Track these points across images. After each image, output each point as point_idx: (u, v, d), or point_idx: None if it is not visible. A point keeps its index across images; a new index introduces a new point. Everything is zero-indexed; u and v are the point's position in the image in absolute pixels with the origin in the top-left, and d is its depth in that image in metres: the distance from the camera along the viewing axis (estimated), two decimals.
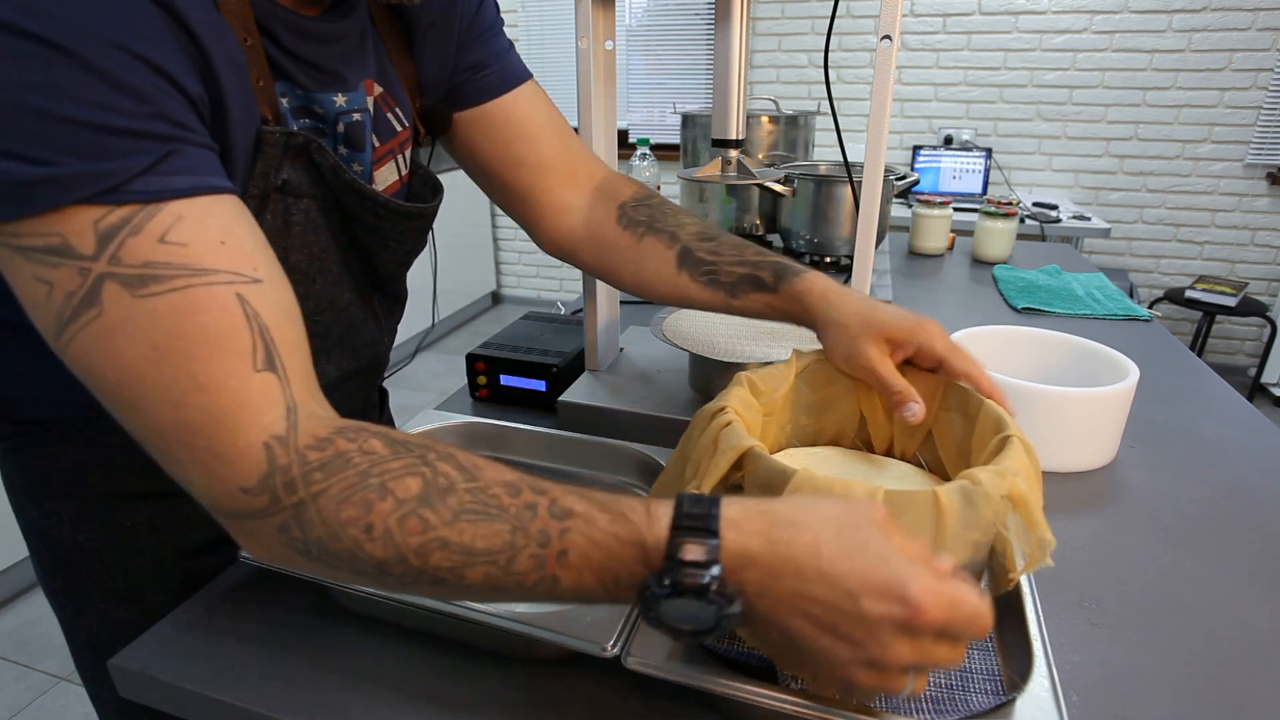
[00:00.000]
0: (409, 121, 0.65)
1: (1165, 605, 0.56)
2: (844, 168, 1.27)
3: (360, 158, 0.59)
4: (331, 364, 0.65)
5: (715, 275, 0.66)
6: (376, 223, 0.61)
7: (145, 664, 0.50)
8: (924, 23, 3.12)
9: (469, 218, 3.91)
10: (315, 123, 0.55)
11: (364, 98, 0.58)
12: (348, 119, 0.57)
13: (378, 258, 0.65)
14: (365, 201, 0.58)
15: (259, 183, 0.51)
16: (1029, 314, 1.20)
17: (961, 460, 0.54)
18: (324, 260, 0.59)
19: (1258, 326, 3.10)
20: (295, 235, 0.55)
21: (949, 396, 0.56)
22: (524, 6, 3.67)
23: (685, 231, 0.68)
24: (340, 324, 0.64)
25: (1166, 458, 0.77)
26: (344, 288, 0.62)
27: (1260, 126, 2.86)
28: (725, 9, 0.70)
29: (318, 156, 0.54)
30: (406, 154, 0.66)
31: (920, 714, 0.44)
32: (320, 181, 0.56)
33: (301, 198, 0.55)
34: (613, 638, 0.46)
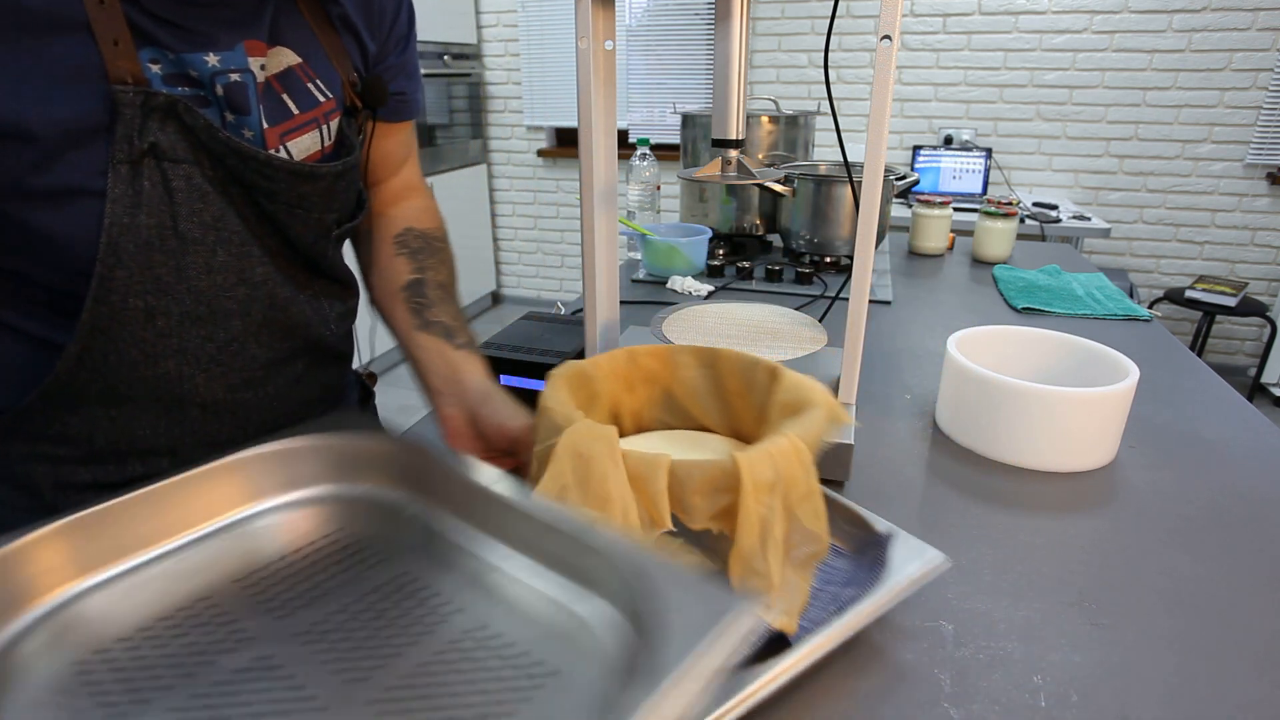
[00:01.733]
0: (336, 94, 0.64)
1: (1165, 605, 0.56)
2: (844, 168, 1.27)
3: (248, 121, 0.58)
4: (261, 346, 0.63)
5: (422, 310, 0.71)
6: (270, 186, 0.59)
7: None
8: (924, 23, 3.12)
9: (469, 218, 3.92)
10: (195, 90, 0.54)
11: (243, 58, 0.57)
12: (224, 79, 0.55)
13: (289, 229, 0.63)
14: (249, 163, 0.57)
15: (123, 146, 0.50)
16: (1029, 314, 1.20)
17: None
18: (221, 229, 0.57)
19: (1258, 326, 3.10)
20: (181, 203, 0.54)
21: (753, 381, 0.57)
22: (524, 6, 3.67)
23: (433, 275, 0.75)
24: (260, 301, 0.62)
25: (1166, 458, 0.77)
26: (256, 261, 0.60)
27: (1260, 126, 2.86)
28: (725, 9, 0.70)
29: (187, 117, 0.53)
30: (332, 125, 0.64)
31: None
32: (200, 147, 0.54)
33: (180, 163, 0.54)
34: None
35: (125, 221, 0.52)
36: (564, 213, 4.04)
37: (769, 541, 0.42)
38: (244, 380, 0.63)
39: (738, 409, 0.58)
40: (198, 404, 0.61)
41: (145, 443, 0.62)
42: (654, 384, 0.59)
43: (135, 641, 0.37)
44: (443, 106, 3.58)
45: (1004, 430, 0.73)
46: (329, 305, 0.71)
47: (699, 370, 0.59)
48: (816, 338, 0.80)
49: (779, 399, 0.53)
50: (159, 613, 0.39)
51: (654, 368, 0.58)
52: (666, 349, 0.59)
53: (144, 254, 0.53)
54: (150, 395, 0.59)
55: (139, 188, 0.52)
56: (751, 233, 1.53)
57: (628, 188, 1.54)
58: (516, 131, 3.96)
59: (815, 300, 1.24)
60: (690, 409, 0.60)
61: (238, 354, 0.62)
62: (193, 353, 0.59)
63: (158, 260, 0.54)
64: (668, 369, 0.59)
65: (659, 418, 0.60)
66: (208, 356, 0.60)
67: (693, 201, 1.54)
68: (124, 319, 0.55)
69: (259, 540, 0.44)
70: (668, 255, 1.35)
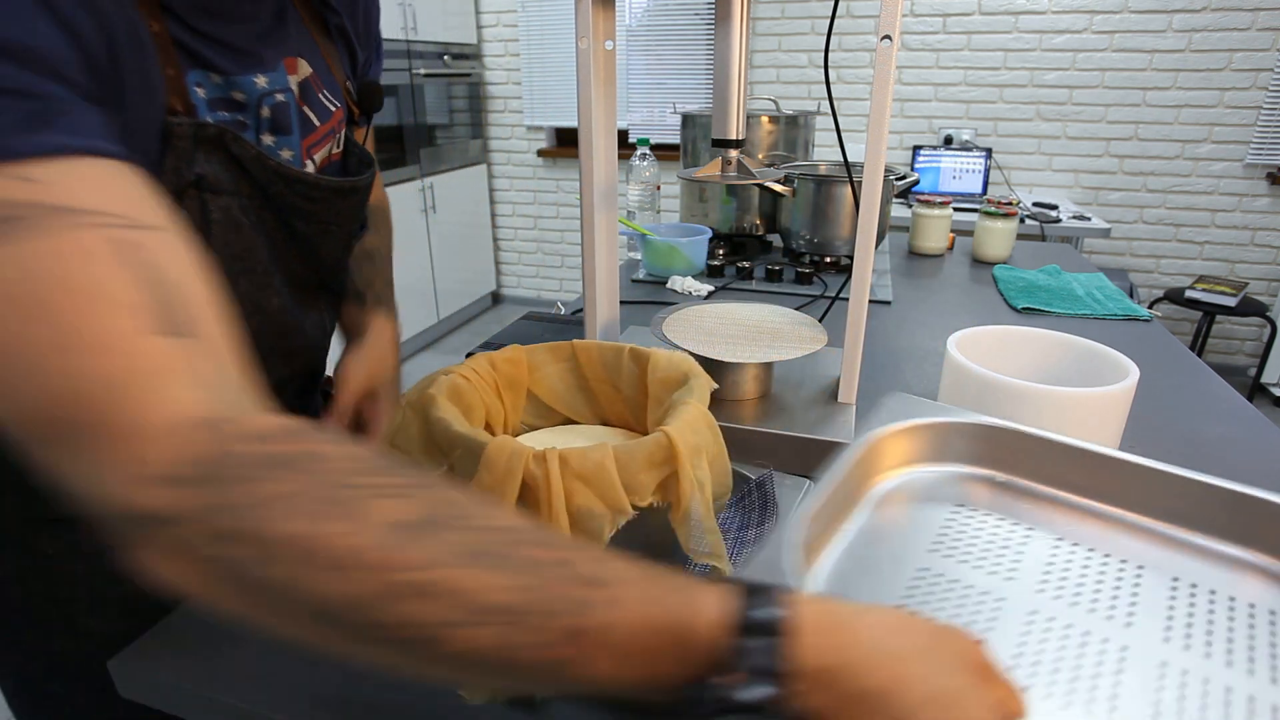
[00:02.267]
0: (340, 102, 0.64)
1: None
2: (844, 168, 1.27)
3: (289, 142, 0.57)
4: (266, 372, 0.62)
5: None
6: (312, 208, 0.59)
7: (145, 664, 0.50)
8: (924, 23, 3.12)
9: (469, 218, 3.92)
10: (236, 114, 0.53)
11: (285, 77, 0.56)
12: (271, 101, 0.55)
13: (320, 248, 0.63)
14: (296, 186, 0.56)
15: (171, 178, 0.49)
16: (1029, 314, 1.20)
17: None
18: (248, 260, 0.56)
19: (1258, 326, 3.10)
20: (216, 234, 0.53)
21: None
22: (524, 6, 3.67)
23: (360, 244, 0.75)
24: (271, 330, 0.62)
25: (1166, 458, 0.77)
26: (273, 291, 0.60)
27: (1260, 126, 2.86)
28: (725, 9, 0.70)
29: (235, 148, 0.51)
30: (341, 134, 0.65)
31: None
32: (243, 175, 0.53)
33: (220, 194, 0.52)
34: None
35: None
36: (564, 213, 4.04)
37: (704, 499, 0.45)
38: None
39: (602, 397, 0.61)
40: None
41: None
42: (517, 388, 0.60)
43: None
44: (443, 106, 3.57)
45: None
46: (328, 321, 0.71)
47: (557, 366, 0.60)
48: (816, 338, 0.80)
49: (657, 377, 0.56)
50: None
51: (514, 372, 0.59)
52: (523, 349, 0.60)
53: None
54: None
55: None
56: (751, 233, 1.53)
57: (628, 188, 1.54)
58: (516, 131, 3.96)
59: (815, 300, 1.24)
60: (554, 405, 0.61)
61: None
62: None
63: None
64: (527, 370, 0.60)
65: (525, 420, 0.61)
66: None
67: (693, 201, 1.54)
68: None
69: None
70: (668, 255, 1.35)
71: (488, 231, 4.12)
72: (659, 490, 0.45)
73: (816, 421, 0.74)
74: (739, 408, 0.77)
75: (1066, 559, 0.45)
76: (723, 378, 0.78)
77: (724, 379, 0.78)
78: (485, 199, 4.07)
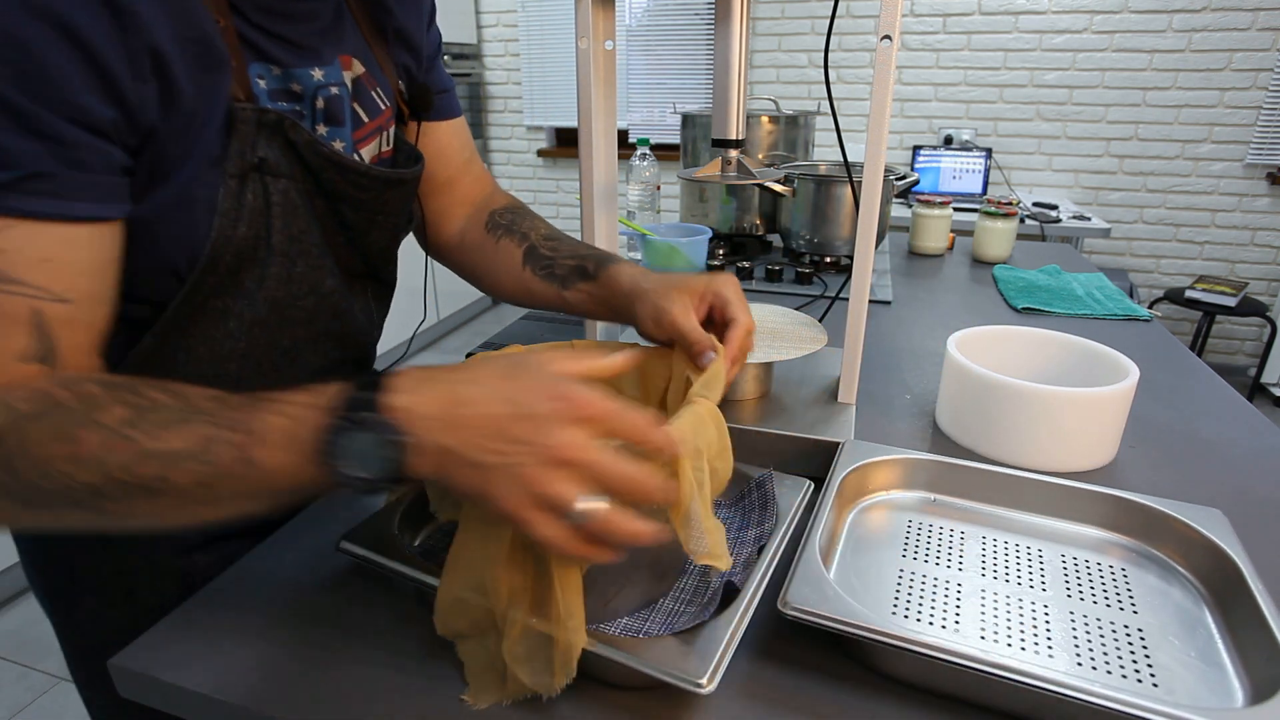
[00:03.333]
0: (391, 101, 0.67)
1: None
2: (844, 168, 1.27)
3: (340, 133, 0.61)
4: (317, 354, 0.66)
5: (551, 269, 0.71)
6: (361, 196, 0.62)
7: (145, 664, 0.50)
8: (924, 23, 3.12)
9: None
10: (293, 104, 0.57)
11: (340, 72, 0.60)
12: (326, 93, 0.59)
13: (367, 236, 0.65)
14: (347, 174, 0.59)
15: (236, 161, 0.52)
16: (1029, 314, 1.20)
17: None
18: (304, 242, 0.59)
19: (1258, 326, 3.10)
20: (276, 216, 0.56)
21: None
22: (524, 6, 3.67)
23: (536, 233, 0.75)
24: (325, 311, 0.64)
25: (1166, 458, 0.77)
26: (326, 273, 0.63)
27: (1260, 126, 2.86)
28: (725, 9, 0.70)
29: (292, 133, 0.55)
30: (390, 132, 0.67)
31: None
32: (298, 160, 0.57)
33: (279, 177, 0.56)
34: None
35: (229, 234, 0.53)
36: (564, 213, 4.03)
37: (703, 499, 0.45)
38: (294, 386, 0.64)
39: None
40: None
41: None
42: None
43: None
44: None
45: (1004, 430, 0.73)
46: (376, 310, 0.73)
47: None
48: (816, 338, 0.80)
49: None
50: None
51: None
52: (522, 349, 0.59)
53: (236, 262, 0.55)
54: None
55: (244, 201, 0.54)
56: (751, 233, 1.53)
57: (628, 188, 1.54)
58: (516, 131, 3.96)
59: (815, 300, 1.24)
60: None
61: (294, 361, 0.64)
62: (256, 358, 0.61)
63: (245, 268, 0.56)
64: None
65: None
66: (270, 363, 0.62)
67: (693, 201, 1.54)
68: (202, 319, 0.57)
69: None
70: (668, 255, 1.35)
71: None
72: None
73: (816, 421, 0.74)
74: (739, 408, 0.77)
75: (993, 549, 0.61)
76: None
77: None
78: None
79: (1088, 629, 0.52)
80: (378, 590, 0.56)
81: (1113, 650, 0.50)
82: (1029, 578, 0.57)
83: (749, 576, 0.50)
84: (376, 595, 0.56)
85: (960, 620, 0.53)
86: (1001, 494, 0.65)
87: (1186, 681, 0.47)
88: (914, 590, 0.56)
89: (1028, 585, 0.56)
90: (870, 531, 0.63)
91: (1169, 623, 0.52)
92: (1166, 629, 0.51)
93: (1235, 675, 0.47)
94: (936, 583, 0.57)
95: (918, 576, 0.57)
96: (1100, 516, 0.63)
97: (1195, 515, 0.58)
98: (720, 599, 0.48)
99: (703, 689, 0.42)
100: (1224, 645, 0.50)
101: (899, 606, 0.54)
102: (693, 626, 0.46)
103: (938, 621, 0.53)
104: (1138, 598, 0.55)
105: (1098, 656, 0.49)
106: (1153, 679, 0.47)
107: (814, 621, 0.47)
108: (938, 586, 0.56)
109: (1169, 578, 0.57)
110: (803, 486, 0.62)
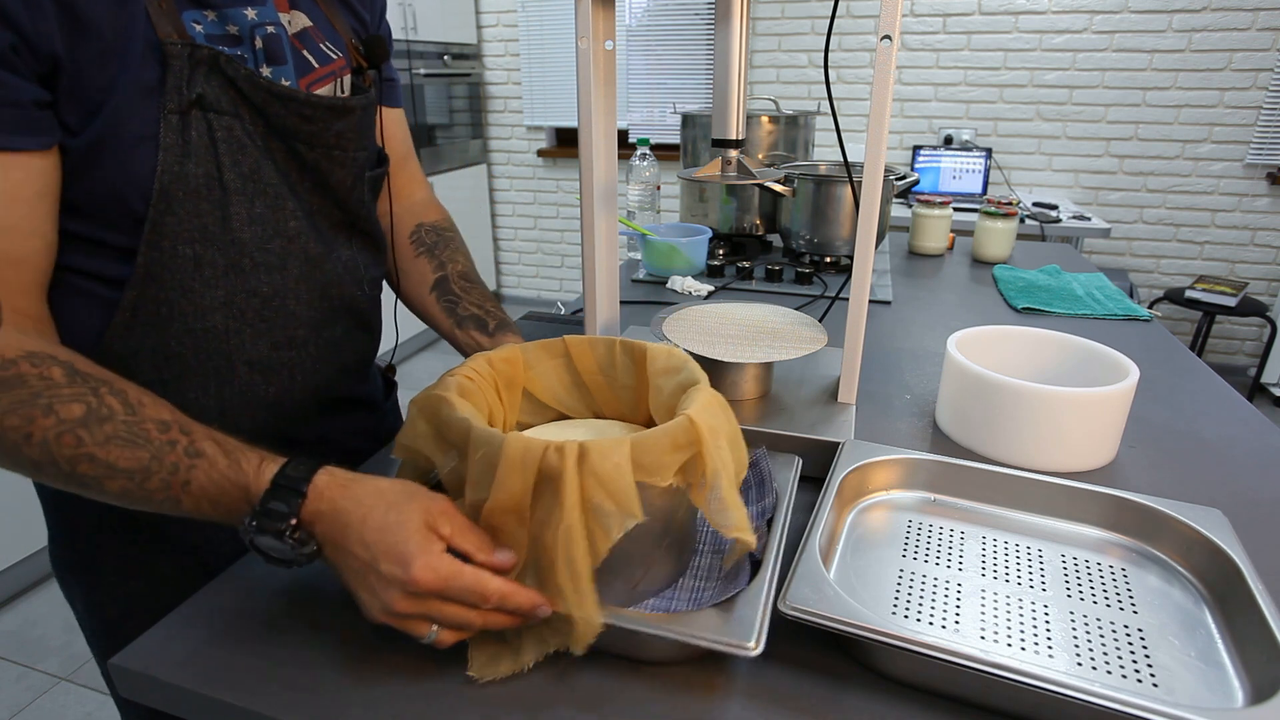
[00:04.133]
0: (344, 54, 0.68)
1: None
2: (844, 168, 1.27)
3: (284, 71, 0.62)
4: (300, 304, 0.66)
5: (455, 307, 0.79)
6: (310, 128, 0.63)
7: (145, 664, 0.50)
8: (924, 23, 3.12)
9: (469, 218, 3.92)
10: (235, 49, 0.58)
11: (274, 12, 0.62)
12: (263, 32, 0.60)
13: (329, 176, 0.66)
14: (290, 105, 0.61)
15: (173, 97, 0.55)
16: (1029, 314, 1.20)
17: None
18: (258, 180, 0.61)
19: (1258, 326, 3.10)
20: (224, 153, 0.58)
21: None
22: (524, 6, 3.67)
23: (454, 265, 0.82)
24: (296, 256, 0.65)
25: (1166, 458, 0.77)
26: (289, 214, 0.64)
27: (1260, 126, 2.86)
28: (725, 9, 0.70)
29: (228, 69, 0.57)
30: (346, 80, 0.68)
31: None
32: (240, 98, 0.58)
33: (223, 114, 0.58)
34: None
35: (176, 169, 0.56)
36: (564, 213, 4.04)
37: (727, 477, 0.47)
38: (287, 339, 0.66)
39: (595, 391, 0.62)
40: (244, 361, 0.64)
41: (196, 405, 0.63)
42: (514, 387, 0.60)
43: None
44: (443, 106, 3.57)
45: (1004, 430, 0.73)
46: (362, 266, 0.74)
47: (552, 363, 0.61)
48: (816, 338, 0.80)
49: (657, 368, 0.57)
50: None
51: (511, 371, 0.60)
52: (519, 348, 0.60)
53: (192, 201, 0.57)
54: (200, 350, 0.62)
55: (188, 137, 0.56)
56: (751, 233, 1.53)
57: (628, 188, 1.54)
58: (516, 131, 3.96)
59: (815, 300, 1.24)
60: (549, 402, 0.62)
61: (279, 310, 0.65)
62: (238, 306, 0.62)
63: (204, 209, 0.58)
64: (521, 369, 0.60)
65: (521, 420, 0.62)
66: (253, 311, 0.63)
67: (693, 201, 1.54)
68: (174, 266, 0.58)
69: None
70: (668, 255, 1.35)
71: (488, 231, 4.12)
72: (680, 472, 0.47)
73: (816, 421, 0.74)
74: (739, 408, 0.77)
75: (993, 549, 0.61)
76: (723, 378, 0.78)
77: (724, 379, 0.78)
78: (485, 199, 4.07)
79: (1088, 629, 0.52)
80: None
81: (1113, 650, 0.49)
82: (1029, 578, 0.57)
83: (766, 548, 0.53)
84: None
85: (960, 620, 0.53)
86: (1001, 494, 0.65)
87: (1186, 681, 0.47)
88: (914, 590, 0.56)
89: (1028, 585, 0.56)
90: (870, 531, 0.63)
91: (1169, 623, 0.52)
92: (1166, 629, 0.51)
93: (1235, 675, 0.47)
94: (936, 583, 0.57)
95: (918, 576, 0.57)
96: (1100, 516, 0.62)
97: (1195, 515, 0.58)
98: (749, 570, 0.51)
99: (751, 652, 0.45)
100: (1224, 645, 0.50)
101: (899, 606, 0.54)
102: (724, 600, 0.48)
103: (938, 621, 0.53)
104: (1138, 598, 0.55)
105: (1098, 657, 0.49)
106: (1153, 679, 0.47)
107: (814, 621, 0.47)
108: (938, 586, 0.56)
109: (1169, 578, 0.57)
110: (793, 463, 0.65)
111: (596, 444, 0.44)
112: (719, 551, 0.56)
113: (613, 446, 0.44)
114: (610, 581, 0.49)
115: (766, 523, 0.57)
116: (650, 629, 0.46)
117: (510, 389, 0.60)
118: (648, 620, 0.47)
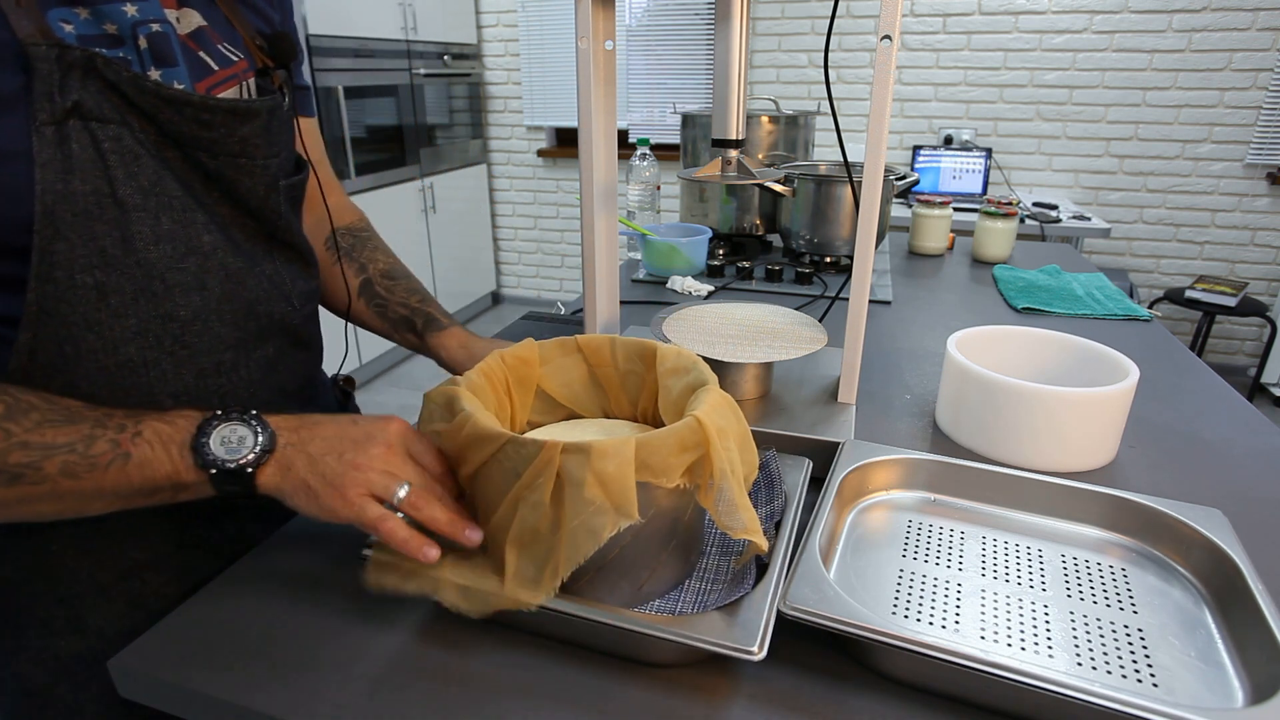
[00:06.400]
0: (244, 54, 0.62)
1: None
2: (844, 168, 1.27)
3: (176, 74, 0.55)
4: (225, 325, 0.60)
5: (385, 310, 0.79)
6: (210, 135, 0.56)
7: (145, 664, 0.50)
8: (924, 23, 3.12)
9: (469, 218, 3.92)
10: (116, 50, 0.52)
11: (159, 9, 0.55)
12: (146, 30, 0.53)
13: (237, 184, 0.60)
14: (185, 110, 0.54)
15: (44, 106, 0.48)
16: (1029, 314, 1.20)
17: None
18: (160, 195, 0.54)
19: (1258, 326, 3.10)
20: (114, 165, 0.52)
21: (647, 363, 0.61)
22: (524, 6, 3.67)
23: (374, 266, 0.81)
24: (214, 273, 0.58)
25: (1166, 458, 0.77)
26: (201, 228, 0.57)
27: (1260, 126, 2.86)
28: (725, 9, 0.70)
29: (108, 72, 0.50)
30: (251, 83, 0.62)
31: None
32: (126, 104, 0.52)
33: (107, 123, 0.51)
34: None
35: (59, 188, 0.49)
36: (564, 213, 4.04)
37: (735, 479, 0.47)
38: (214, 365, 0.60)
39: (609, 390, 0.62)
40: (169, 394, 0.58)
41: None
42: (525, 385, 0.60)
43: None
44: (443, 106, 3.57)
45: (1004, 430, 0.73)
46: (289, 280, 0.67)
47: (564, 359, 0.61)
48: (816, 338, 0.80)
49: (668, 367, 0.57)
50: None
51: (524, 370, 0.60)
52: (535, 345, 0.60)
53: (84, 223, 0.50)
54: (116, 388, 0.55)
55: (68, 151, 0.49)
56: (751, 233, 1.53)
57: (628, 188, 1.54)
58: (516, 131, 3.96)
59: (815, 300, 1.24)
60: (563, 401, 0.62)
61: (201, 334, 0.59)
62: (154, 334, 0.56)
63: (100, 230, 0.51)
64: (535, 366, 0.60)
65: (532, 419, 0.62)
66: (171, 337, 0.57)
67: (693, 201, 1.54)
68: (73, 299, 0.51)
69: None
70: (668, 255, 1.35)
71: (488, 232, 4.12)
72: (687, 473, 0.47)
73: (816, 421, 0.74)
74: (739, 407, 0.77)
75: (993, 549, 0.61)
76: (723, 378, 0.78)
77: (724, 379, 0.78)
78: (485, 199, 4.07)
79: (1088, 629, 0.52)
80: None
81: (1113, 650, 0.50)
82: (1029, 578, 0.57)
83: (773, 551, 0.53)
84: (379, 594, 0.56)
85: (960, 620, 0.53)
86: (1001, 494, 0.65)
87: (1186, 681, 0.47)
88: (914, 590, 0.56)
89: (1028, 585, 0.56)
90: (870, 531, 0.63)
91: (1169, 623, 0.52)
92: (1166, 629, 0.52)
93: (1235, 675, 0.48)
94: (936, 583, 0.57)
95: (917, 576, 0.57)
96: (1100, 516, 0.62)
97: (1195, 515, 0.58)
98: (754, 572, 0.51)
99: (754, 656, 0.44)
100: (1224, 645, 0.50)
101: (899, 606, 0.54)
102: (728, 603, 0.48)
103: (938, 621, 0.53)
104: (1138, 598, 0.55)
105: (1098, 656, 0.49)
106: (1153, 679, 0.47)
107: (814, 621, 0.47)
108: (937, 586, 0.56)
109: (1169, 578, 0.57)
110: (803, 465, 0.65)
111: (599, 443, 0.44)
112: (726, 553, 0.56)
113: (616, 446, 0.44)
114: (617, 582, 0.49)
115: (774, 525, 0.57)
116: (654, 631, 0.46)
117: (521, 387, 0.60)
118: (652, 622, 0.47)
